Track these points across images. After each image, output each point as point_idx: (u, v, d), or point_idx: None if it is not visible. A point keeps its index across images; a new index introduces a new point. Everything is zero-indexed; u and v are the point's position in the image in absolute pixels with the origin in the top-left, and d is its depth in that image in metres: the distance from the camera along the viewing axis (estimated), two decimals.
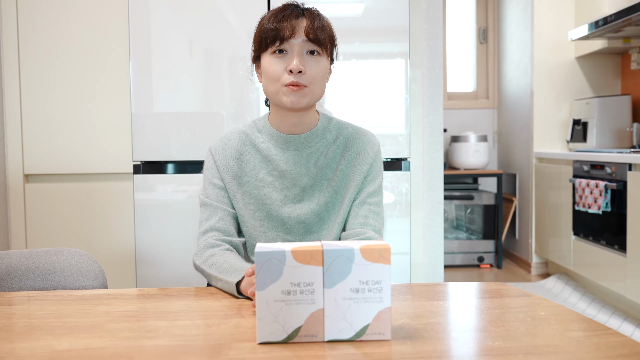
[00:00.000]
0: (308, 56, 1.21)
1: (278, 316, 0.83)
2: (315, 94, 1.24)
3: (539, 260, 4.13)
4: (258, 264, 0.82)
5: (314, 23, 1.21)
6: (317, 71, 1.22)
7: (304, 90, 1.21)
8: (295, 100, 1.21)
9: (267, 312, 0.83)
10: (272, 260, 0.82)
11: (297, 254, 0.82)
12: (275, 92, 1.23)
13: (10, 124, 2.38)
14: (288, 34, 1.19)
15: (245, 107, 2.18)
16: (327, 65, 1.26)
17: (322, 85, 1.25)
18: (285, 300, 0.83)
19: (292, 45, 1.20)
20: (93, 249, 2.37)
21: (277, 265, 0.82)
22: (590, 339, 0.84)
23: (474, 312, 1.00)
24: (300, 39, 1.20)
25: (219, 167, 1.31)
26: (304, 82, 1.20)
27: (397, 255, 2.20)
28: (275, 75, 1.21)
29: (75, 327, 0.93)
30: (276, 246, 0.83)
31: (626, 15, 3.08)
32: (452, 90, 4.79)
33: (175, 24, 2.16)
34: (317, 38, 1.20)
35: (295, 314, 0.83)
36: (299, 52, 1.20)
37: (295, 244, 0.84)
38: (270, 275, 0.82)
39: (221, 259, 1.19)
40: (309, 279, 0.82)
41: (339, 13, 2.22)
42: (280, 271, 0.82)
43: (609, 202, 3.07)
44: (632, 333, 2.78)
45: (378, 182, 1.32)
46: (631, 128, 3.67)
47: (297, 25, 1.20)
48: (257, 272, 0.82)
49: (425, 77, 2.42)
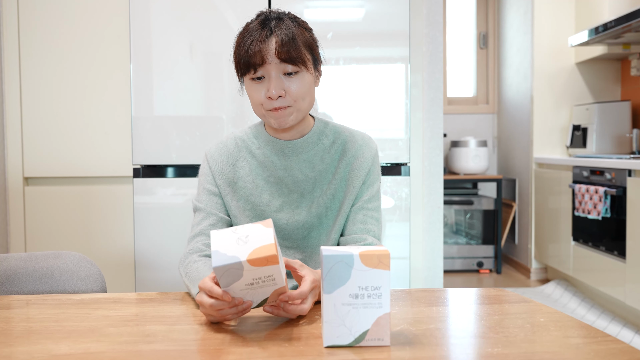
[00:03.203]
0: (286, 77, 1.17)
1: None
2: (302, 109, 1.22)
3: (539, 265, 4.12)
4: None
5: (282, 40, 1.14)
6: (299, 89, 1.18)
7: (288, 110, 1.19)
8: (282, 122, 1.20)
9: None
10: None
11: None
12: (262, 115, 1.22)
13: (11, 127, 2.38)
14: (259, 61, 1.15)
15: (245, 111, 2.18)
16: (311, 77, 1.21)
17: (309, 97, 1.22)
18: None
19: (267, 70, 1.16)
20: (92, 253, 2.37)
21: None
22: (590, 346, 0.84)
23: (473, 318, 1.00)
24: (274, 62, 1.15)
25: (214, 173, 1.30)
26: (287, 103, 1.18)
27: (396, 260, 2.20)
28: (258, 101, 1.19)
29: (74, 331, 0.92)
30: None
31: (626, 21, 3.09)
32: (452, 95, 4.79)
33: (175, 26, 2.16)
34: (290, 57, 1.15)
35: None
36: (275, 75, 1.16)
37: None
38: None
39: (194, 266, 1.17)
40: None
41: (340, 17, 2.22)
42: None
43: (609, 208, 3.07)
44: (631, 339, 2.77)
45: (376, 186, 1.32)
46: (631, 134, 3.67)
47: (266, 49, 1.14)
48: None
49: (426, 82, 2.43)
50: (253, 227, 0.91)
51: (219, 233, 0.90)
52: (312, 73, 1.22)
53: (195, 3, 2.15)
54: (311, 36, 1.22)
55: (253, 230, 0.90)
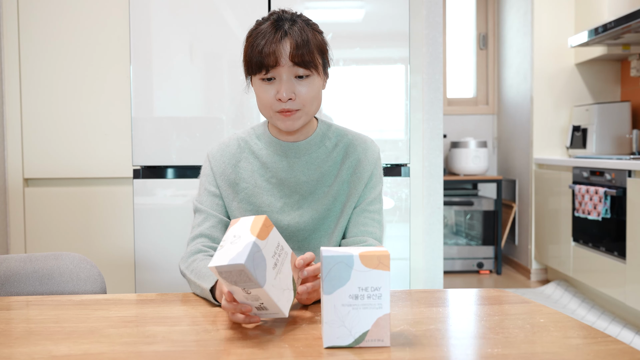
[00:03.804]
0: (297, 80, 1.18)
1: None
2: (310, 113, 1.22)
3: (539, 266, 4.12)
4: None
5: (297, 43, 1.14)
6: (309, 93, 1.19)
7: (296, 114, 1.20)
8: (290, 125, 1.20)
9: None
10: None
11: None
12: (269, 116, 1.22)
13: (10, 128, 2.38)
14: (272, 63, 1.15)
15: (245, 112, 2.18)
16: (320, 80, 1.22)
17: (318, 101, 1.23)
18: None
19: (279, 72, 1.16)
20: (92, 254, 2.37)
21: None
22: (590, 347, 0.84)
23: (473, 318, 1.00)
24: (286, 65, 1.15)
25: (215, 174, 1.30)
26: (296, 107, 1.18)
27: (396, 261, 2.20)
28: (266, 102, 1.19)
29: (74, 332, 0.92)
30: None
31: (626, 22, 3.09)
32: (452, 96, 4.79)
33: (175, 27, 2.16)
34: (303, 61, 1.15)
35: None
36: (287, 78, 1.17)
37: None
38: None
39: (202, 264, 1.18)
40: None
41: (340, 19, 2.22)
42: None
43: (609, 209, 3.07)
44: (631, 340, 2.77)
45: (378, 189, 1.32)
46: (631, 135, 3.67)
47: (280, 51, 1.14)
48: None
49: (425, 83, 2.43)
50: (237, 228, 0.92)
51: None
52: (321, 77, 1.23)
53: (195, 4, 2.16)
54: (323, 39, 1.23)
55: (238, 229, 0.92)
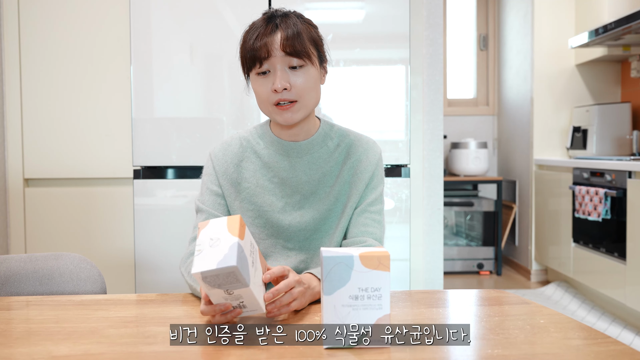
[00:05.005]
0: (291, 70, 1.18)
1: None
2: (309, 105, 1.22)
3: (539, 267, 4.12)
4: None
5: (287, 34, 1.16)
6: (304, 83, 1.19)
7: (295, 106, 1.20)
8: (288, 117, 1.20)
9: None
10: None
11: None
12: (268, 112, 1.23)
13: (11, 128, 2.38)
14: (265, 54, 1.16)
15: (245, 113, 2.18)
16: (316, 71, 1.22)
17: (315, 93, 1.23)
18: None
19: (272, 63, 1.17)
20: (92, 254, 2.37)
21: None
22: (590, 348, 0.84)
23: (473, 319, 1.00)
24: (279, 55, 1.16)
25: (217, 173, 1.30)
26: (293, 97, 1.19)
27: (396, 262, 2.20)
28: (263, 96, 1.20)
29: (74, 333, 0.92)
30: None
31: (626, 23, 3.09)
32: (452, 97, 4.80)
33: (176, 28, 2.17)
34: (294, 50, 1.16)
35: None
36: (281, 68, 1.17)
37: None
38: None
39: None
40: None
41: (340, 19, 2.22)
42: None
43: (609, 210, 3.07)
44: (631, 341, 2.77)
45: (379, 190, 1.32)
46: (631, 135, 3.67)
47: (271, 42, 1.16)
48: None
49: (426, 84, 2.43)
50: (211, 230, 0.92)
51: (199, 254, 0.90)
52: (317, 68, 1.23)
53: (196, 5, 2.16)
54: (317, 32, 1.24)
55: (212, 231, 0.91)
